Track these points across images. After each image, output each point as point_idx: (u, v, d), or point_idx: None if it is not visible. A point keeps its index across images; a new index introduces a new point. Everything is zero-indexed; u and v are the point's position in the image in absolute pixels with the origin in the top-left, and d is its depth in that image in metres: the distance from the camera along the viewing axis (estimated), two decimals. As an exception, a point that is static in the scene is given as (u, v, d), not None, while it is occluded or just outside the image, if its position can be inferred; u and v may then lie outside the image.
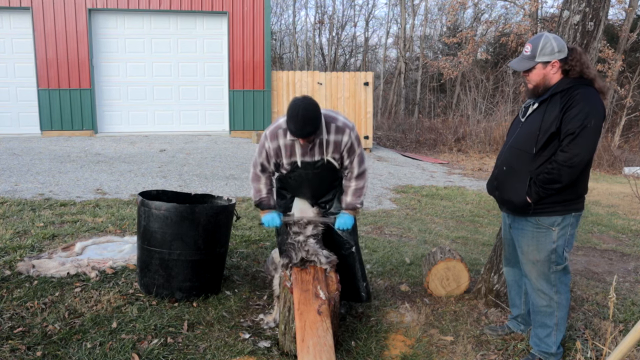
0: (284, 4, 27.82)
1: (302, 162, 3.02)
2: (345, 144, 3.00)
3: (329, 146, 2.99)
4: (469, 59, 17.28)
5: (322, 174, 3.12)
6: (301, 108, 2.75)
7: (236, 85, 11.61)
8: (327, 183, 3.23)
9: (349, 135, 3.00)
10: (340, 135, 2.98)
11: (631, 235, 6.06)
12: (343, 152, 3.03)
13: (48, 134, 11.03)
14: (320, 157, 3.02)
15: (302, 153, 3.00)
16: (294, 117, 2.75)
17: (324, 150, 3.00)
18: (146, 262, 3.33)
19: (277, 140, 2.99)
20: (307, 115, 2.75)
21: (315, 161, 3.03)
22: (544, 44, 2.57)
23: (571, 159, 2.45)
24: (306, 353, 2.44)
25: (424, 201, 7.30)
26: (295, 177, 3.13)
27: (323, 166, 3.07)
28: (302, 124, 2.75)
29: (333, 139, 2.98)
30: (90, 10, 10.93)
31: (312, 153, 3.00)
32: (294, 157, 3.01)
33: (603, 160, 12.62)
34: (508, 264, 3.08)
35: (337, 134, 2.98)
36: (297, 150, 2.99)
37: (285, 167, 3.07)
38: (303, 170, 3.06)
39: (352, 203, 3.15)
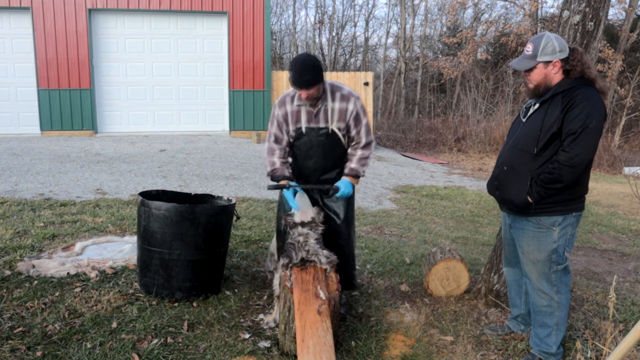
0: (284, 4, 27.85)
1: (307, 128, 3.11)
2: (350, 112, 3.09)
3: (333, 113, 3.08)
4: (469, 59, 17.29)
5: (326, 144, 3.16)
6: (300, 57, 2.93)
7: (236, 85, 11.61)
8: (331, 156, 3.23)
9: (354, 103, 3.09)
10: (345, 103, 3.08)
11: (631, 235, 6.06)
12: (349, 121, 3.11)
13: (48, 134, 11.04)
14: (325, 125, 3.10)
15: (307, 119, 3.10)
16: (293, 65, 2.91)
17: (328, 118, 3.08)
18: (146, 262, 3.33)
19: (285, 107, 3.13)
20: (306, 63, 2.90)
21: (320, 127, 3.11)
22: (545, 43, 2.57)
23: (573, 158, 2.45)
24: (306, 353, 2.44)
25: (424, 201, 7.30)
26: (300, 146, 3.19)
27: (327, 135, 3.13)
28: (301, 71, 2.88)
29: (338, 106, 3.08)
30: (90, 10, 10.94)
31: (316, 119, 3.09)
32: (299, 123, 3.11)
33: (603, 160, 12.62)
34: (508, 264, 3.08)
35: (342, 101, 3.07)
36: (302, 116, 3.09)
37: (291, 133, 3.16)
38: (307, 137, 3.13)
39: (356, 169, 3.20)
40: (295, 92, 3.10)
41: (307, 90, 2.96)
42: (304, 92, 2.97)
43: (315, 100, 3.05)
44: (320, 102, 3.08)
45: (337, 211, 3.33)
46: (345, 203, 3.32)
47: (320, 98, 3.07)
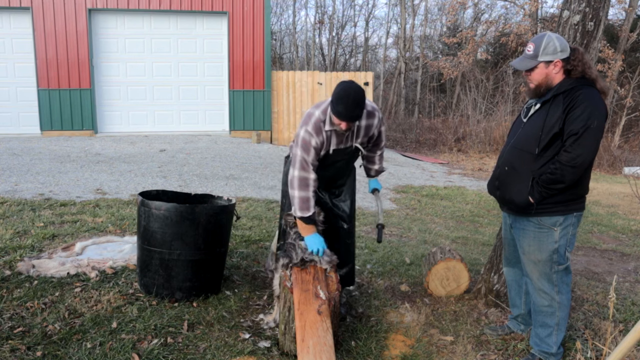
0: (284, 4, 27.84)
1: (334, 150, 3.04)
2: (376, 126, 3.13)
3: (360, 131, 3.06)
4: (469, 59, 17.28)
5: (348, 159, 3.21)
6: (352, 91, 2.76)
7: (236, 85, 11.61)
8: (347, 168, 3.30)
9: (378, 117, 3.12)
10: (371, 120, 3.08)
11: (631, 235, 6.05)
12: (374, 133, 3.15)
13: (48, 134, 11.03)
14: (350, 143, 3.08)
15: (337, 142, 3.02)
16: (345, 99, 2.74)
17: (354, 137, 3.06)
18: (146, 262, 3.33)
19: (322, 134, 2.96)
20: (357, 99, 2.76)
21: (346, 147, 3.09)
22: (546, 43, 2.56)
23: (574, 159, 2.45)
24: (306, 353, 2.44)
25: (424, 201, 7.30)
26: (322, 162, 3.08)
27: (351, 152, 3.15)
28: (354, 107, 2.76)
29: (365, 123, 3.06)
30: (90, 10, 10.93)
31: (345, 141, 3.05)
32: (330, 146, 3.02)
33: (603, 160, 12.62)
34: (508, 264, 3.08)
35: (368, 118, 3.07)
36: (333, 139, 3.00)
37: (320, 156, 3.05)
38: (333, 156, 3.07)
39: (381, 167, 3.44)
40: (326, 115, 2.94)
41: (351, 124, 2.87)
42: (346, 125, 2.85)
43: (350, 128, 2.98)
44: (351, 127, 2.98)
45: (346, 210, 3.37)
46: (350, 203, 3.37)
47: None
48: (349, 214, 3.37)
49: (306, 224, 2.99)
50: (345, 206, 3.36)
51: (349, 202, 3.36)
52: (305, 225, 2.99)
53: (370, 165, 3.42)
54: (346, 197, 3.36)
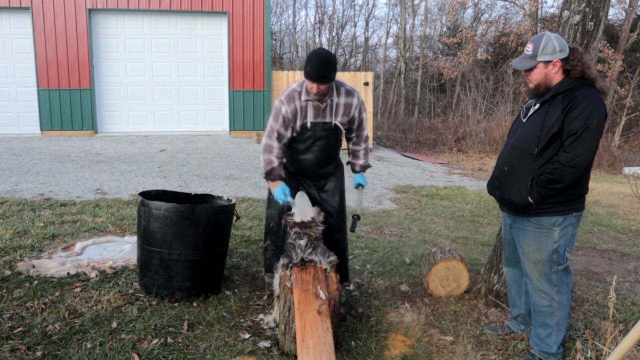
0: (284, 4, 27.84)
1: (312, 123, 3.15)
2: (355, 106, 3.22)
3: (338, 108, 3.17)
4: (469, 59, 17.28)
5: (328, 138, 3.25)
6: (320, 52, 2.97)
7: (236, 85, 11.61)
8: (331, 150, 3.34)
9: (357, 98, 3.24)
10: (350, 98, 3.20)
11: (631, 235, 6.05)
12: (354, 114, 3.24)
13: (48, 134, 11.03)
14: (329, 119, 3.18)
15: (314, 115, 3.15)
16: (312, 59, 2.94)
17: (333, 113, 3.17)
18: (146, 262, 3.33)
19: (294, 103, 3.12)
20: (326, 58, 2.94)
21: (325, 122, 3.18)
22: (545, 43, 2.57)
23: (574, 159, 2.45)
24: (306, 353, 2.44)
25: (424, 201, 7.30)
26: (302, 141, 3.23)
27: (330, 129, 3.22)
28: (321, 66, 2.92)
29: (343, 101, 3.17)
30: (90, 10, 10.93)
31: (323, 114, 3.16)
32: (306, 119, 3.15)
33: (603, 160, 12.62)
34: (508, 264, 3.08)
35: (347, 96, 3.19)
36: (309, 111, 3.13)
37: (297, 129, 3.18)
38: (311, 132, 3.18)
39: (366, 163, 3.52)
40: (302, 87, 3.12)
41: (322, 85, 3.00)
42: (318, 86, 3.00)
43: (323, 95, 3.10)
44: (327, 97, 3.14)
45: (334, 205, 3.42)
46: (339, 199, 3.44)
47: (328, 93, 3.13)
48: (338, 210, 3.42)
49: (271, 180, 3.22)
50: (334, 202, 3.42)
51: (337, 198, 3.43)
52: (271, 181, 3.23)
53: (355, 160, 3.51)
54: (335, 192, 3.43)
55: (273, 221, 3.50)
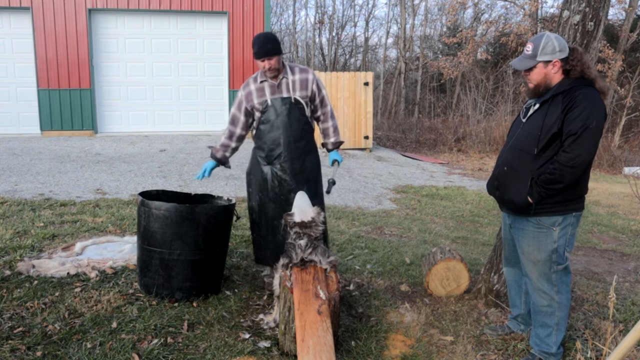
0: (284, 4, 27.85)
1: (272, 99, 3.45)
2: (312, 80, 3.51)
3: (295, 84, 3.47)
4: (469, 59, 17.28)
5: (290, 112, 3.47)
6: (261, 33, 3.40)
7: (236, 85, 11.61)
8: (297, 126, 3.50)
9: (312, 74, 3.53)
10: (305, 74, 3.50)
11: (631, 235, 6.06)
12: (313, 88, 3.51)
13: (48, 134, 11.03)
14: (287, 95, 3.46)
15: (271, 92, 3.45)
16: (255, 40, 3.34)
17: (290, 88, 3.46)
18: (146, 262, 3.33)
19: (249, 87, 3.51)
20: (267, 36, 3.36)
21: (283, 97, 3.46)
22: (545, 43, 2.57)
23: (573, 159, 2.45)
24: (306, 353, 2.44)
25: (424, 201, 7.30)
26: (267, 119, 3.48)
27: (291, 104, 3.46)
28: (264, 41, 3.31)
29: (298, 77, 3.48)
30: (90, 10, 10.93)
31: (279, 90, 3.46)
32: (264, 96, 3.46)
33: (603, 160, 12.62)
34: (508, 263, 3.08)
35: (301, 73, 3.50)
36: (266, 90, 3.46)
37: (257, 107, 3.47)
38: (272, 108, 3.45)
39: (338, 140, 3.71)
40: (258, 73, 3.49)
41: (270, 59, 3.33)
42: (267, 62, 3.33)
43: (276, 72, 3.41)
44: (282, 75, 3.45)
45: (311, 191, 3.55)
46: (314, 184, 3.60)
47: (281, 72, 3.45)
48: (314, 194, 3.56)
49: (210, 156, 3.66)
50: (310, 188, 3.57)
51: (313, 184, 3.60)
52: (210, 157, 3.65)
53: (326, 140, 3.72)
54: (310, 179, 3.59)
55: (254, 213, 3.65)
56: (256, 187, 3.59)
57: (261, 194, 3.56)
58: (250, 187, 3.64)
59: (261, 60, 3.34)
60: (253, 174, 3.60)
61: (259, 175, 3.56)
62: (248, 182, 3.66)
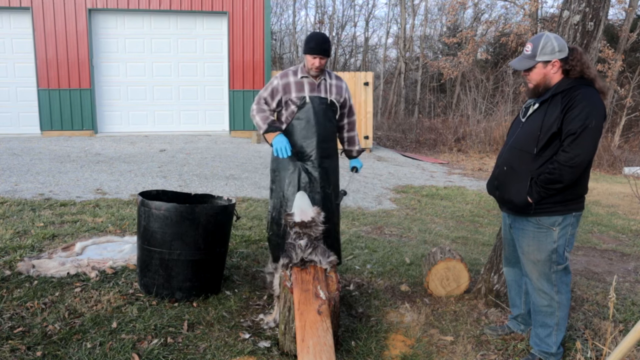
0: (284, 4, 27.84)
1: (310, 97, 3.48)
2: (345, 88, 3.64)
3: (332, 87, 3.56)
4: (469, 59, 17.28)
5: (326, 112, 3.53)
6: (318, 32, 3.50)
7: (236, 85, 11.61)
8: (330, 126, 3.58)
9: (345, 85, 3.68)
10: (339, 81, 3.63)
11: (631, 235, 6.06)
12: (345, 95, 3.63)
13: (48, 134, 11.03)
14: (325, 95, 3.52)
15: (310, 89, 3.49)
16: (314, 36, 3.42)
17: (327, 90, 3.54)
18: (146, 262, 3.33)
19: (287, 78, 3.50)
20: (324, 36, 3.45)
21: (321, 97, 3.51)
22: (544, 43, 2.57)
23: (573, 159, 2.45)
24: (306, 353, 2.44)
25: (424, 201, 7.30)
26: (302, 115, 3.48)
27: (327, 105, 3.53)
28: (322, 39, 3.40)
29: (335, 83, 3.60)
30: (90, 10, 10.93)
31: (319, 90, 3.51)
32: (303, 92, 3.48)
33: (603, 160, 12.62)
34: (508, 263, 3.08)
35: (337, 80, 3.63)
36: (305, 86, 3.48)
37: (294, 100, 3.47)
38: (310, 104, 3.47)
39: (361, 148, 3.87)
40: (298, 67, 3.52)
41: (323, 58, 3.40)
42: (319, 60, 3.39)
43: (319, 72, 3.48)
44: (322, 76, 3.53)
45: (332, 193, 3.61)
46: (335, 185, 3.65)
47: (323, 73, 3.53)
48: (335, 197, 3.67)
49: (274, 131, 3.46)
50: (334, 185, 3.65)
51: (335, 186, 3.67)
52: (271, 133, 3.46)
53: (351, 147, 3.82)
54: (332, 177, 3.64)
55: (275, 210, 3.58)
56: (283, 184, 3.51)
57: (288, 190, 3.48)
58: (275, 183, 3.58)
59: (313, 56, 3.39)
60: (279, 170, 3.53)
61: (289, 170, 3.49)
62: (272, 179, 3.60)
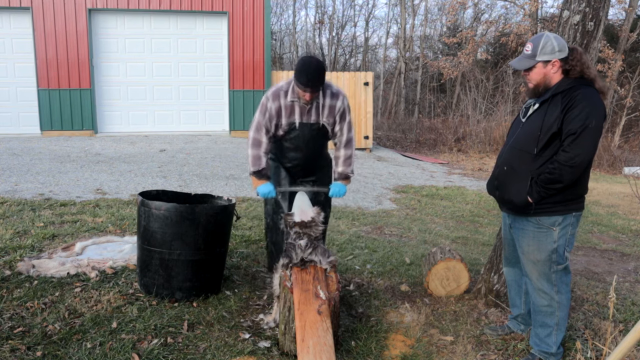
0: (284, 4, 27.84)
1: (300, 124, 3.24)
2: (339, 108, 3.27)
3: (324, 109, 3.23)
4: (469, 59, 17.28)
5: (316, 137, 3.34)
6: (312, 61, 3.03)
7: (236, 85, 11.61)
8: (319, 148, 3.44)
9: (342, 100, 3.28)
10: (335, 100, 3.25)
11: (631, 235, 6.06)
12: (336, 116, 3.28)
13: (48, 134, 11.03)
14: (316, 120, 3.25)
15: (300, 114, 3.22)
16: (305, 68, 3.00)
17: (319, 113, 3.23)
18: (146, 262, 3.33)
19: (279, 101, 3.21)
20: (319, 68, 3.02)
21: (312, 123, 3.26)
22: (544, 43, 2.57)
23: (573, 158, 2.46)
24: (306, 353, 2.44)
25: (424, 201, 7.30)
26: (292, 140, 3.33)
27: (318, 129, 3.30)
28: (315, 75, 3.00)
29: (329, 102, 3.24)
30: (90, 10, 10.93)
31: (309, 115, 3.23)
32: (293, 117, 3.23)
33: (603, 160, 12.62)
34: (508, 263, 3.08)
35: (332, 98, 3.25)
36: (296, 111, 3.21)
37: (284, 127, 3.25)
38: (300, 131, 3.27)
39: (344, 172, 3.42)
40: (290, 86, 3.19)
41: (314, 92, 3.09)
42: (310, 94, 3.09)
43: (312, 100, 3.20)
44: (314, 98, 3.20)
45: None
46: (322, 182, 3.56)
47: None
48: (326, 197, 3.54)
49: (258, 178, 3.30)
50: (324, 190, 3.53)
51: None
52: (257, 179, 3.31)
53: (335, 168, 3.47)
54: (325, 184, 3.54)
55: (269, 217, 3.60)
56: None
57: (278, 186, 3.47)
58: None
59: (304, 89, 3.06)
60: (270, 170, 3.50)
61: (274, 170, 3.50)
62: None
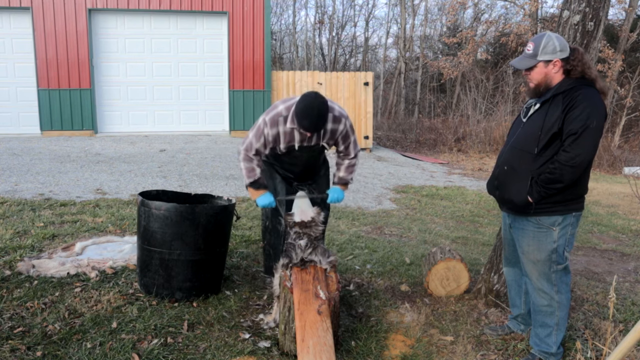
0: (284, 4, 27.83)
1: (300, 147, 3.22)
2: (340, 132, 3.22)
3: (326, 134, 3.19)
4: (469, 59, 17.27)
5: (315, 156, 3.40)
6: (316, 106, 2.88)
7: (236, 85, 11.61)
8: (316, 162, 3.49)
9: (344, 124, 3.22)
10: (337, 125, 3.19)
11: (631, 235, 6.05)
12: (338, 139, 3.26)
13: (48, 134, 11.03)
14: (316, 143, 3.23)
15: (300, 139, 3.18)
16: (309, 114, 2.88)
17: (320, 137, 3.19)
18: (146, 262, 3.33)
19: (277, 127, 3.12)
20: (321, 113, 2.90)
21: (312, 146, 3.24)
22: (546, 42, 2.57)
23: (573, 158, 2.46)
24: (306, 353, 2.44)
25: (424, 201, 7.30)
26: (290, 158, 3.33)
27: (318, 150, 3.34)
28: (317, 121, 2.90)
29: (330, 127, 3.17)
30: (90, 10, 10.93)
31: (310, 140, 3.19)
32: (292, 142, 3.19)
33: (603, 160, 12.61)
34: (508, 263, 3.08)
35: (334, 123, 3.17)
36: (296, 137, 3.16)
37: (282, 150, 3.23)
38: (299, 152, 3.26)
39: (345, 178, 3.43)
40: (289, 112, 3.07)
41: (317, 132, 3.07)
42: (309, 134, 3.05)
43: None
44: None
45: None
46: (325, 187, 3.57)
47: None
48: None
49: (255, 189, 3.27)
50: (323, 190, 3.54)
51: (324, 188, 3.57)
52: (254, 190, 3.28)
53: (336, 172, 3.45)
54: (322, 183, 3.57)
55: (267, 219, 3.60)
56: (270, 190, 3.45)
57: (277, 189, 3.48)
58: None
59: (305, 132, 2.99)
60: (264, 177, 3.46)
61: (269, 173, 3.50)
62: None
